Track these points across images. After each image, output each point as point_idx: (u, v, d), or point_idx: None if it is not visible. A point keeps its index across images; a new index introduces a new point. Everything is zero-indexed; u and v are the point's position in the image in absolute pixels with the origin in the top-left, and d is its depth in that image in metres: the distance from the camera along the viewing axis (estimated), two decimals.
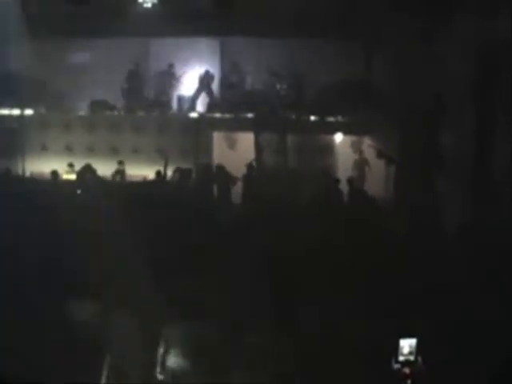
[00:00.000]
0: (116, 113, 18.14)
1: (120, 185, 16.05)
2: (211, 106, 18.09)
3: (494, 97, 13.43)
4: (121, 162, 16.69)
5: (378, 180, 16.52)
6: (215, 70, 18.20)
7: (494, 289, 9.12)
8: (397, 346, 7.23)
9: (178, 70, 18.16)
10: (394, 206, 15.24)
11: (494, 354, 7.66)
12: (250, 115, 17.62)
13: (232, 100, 17.98)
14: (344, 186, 15.33)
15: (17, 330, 8.37)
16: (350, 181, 15.52)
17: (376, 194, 15.10)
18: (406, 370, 7.23)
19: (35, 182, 15.95)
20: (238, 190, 15.95)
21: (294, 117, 17.55)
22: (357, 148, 17.44)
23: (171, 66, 18.13)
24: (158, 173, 15.30)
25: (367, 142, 17.01)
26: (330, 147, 17.60)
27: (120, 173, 16.58)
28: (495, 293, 8.98)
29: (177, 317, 8.06)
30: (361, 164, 17.01)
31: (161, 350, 7.49)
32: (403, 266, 9.93)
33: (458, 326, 8.32)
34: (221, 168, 16.13)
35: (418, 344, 7.23)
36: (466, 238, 11.39)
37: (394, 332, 7.59)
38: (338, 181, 15.53)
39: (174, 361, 7.21)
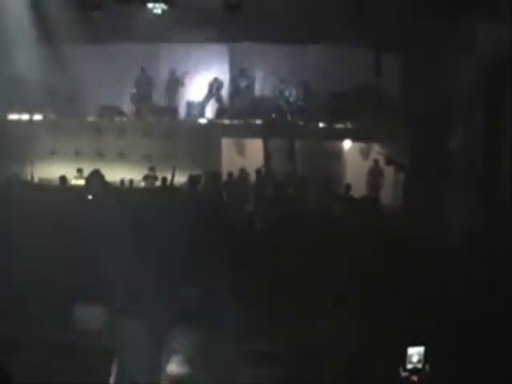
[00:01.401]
0: (125, 118, 18.17)
1: (128, 190, 16.01)
2: (220, 112, 18.13)
3: (504, 103, 13.38)
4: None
5: (387, 186, 16.51)
6: (224, 76, 18.26)
7: (504, 295, 9.06)
8: (405, 354, 7.19)
9: (187, 76, 18.19)
10: (403, 211, 15.19)
11: (502, 360, 7.61)
12: (258, 121, 17.63)
13: (241, 106, 18.00)
14: (355, 193, 15.30)
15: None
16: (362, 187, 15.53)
17: (386, 200, 15.06)
18: (414, 378, 7.19)
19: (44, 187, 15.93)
20: (246, 195, 15.95)
21: (302, 123, 17.54)
22: (366, 154, 17.41)
23: (180, 71, 18.17)
24: (164, 179, 15.28)
25: (376, 149, 16.98)
26: (338, 154, 17.59)
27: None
28: (506, 299, 8.91)
29: (186, 322, 8.02)
30: (375, 173, 16.93)
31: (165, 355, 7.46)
32: (412, 273, 9.87)
33: (467, 333, 8.25)
34: (230, 174, 16.14)
35: (426, 352, 7.19)
36: (477, 245, 11.33)
37: (402, 339, 7.54)
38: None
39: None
